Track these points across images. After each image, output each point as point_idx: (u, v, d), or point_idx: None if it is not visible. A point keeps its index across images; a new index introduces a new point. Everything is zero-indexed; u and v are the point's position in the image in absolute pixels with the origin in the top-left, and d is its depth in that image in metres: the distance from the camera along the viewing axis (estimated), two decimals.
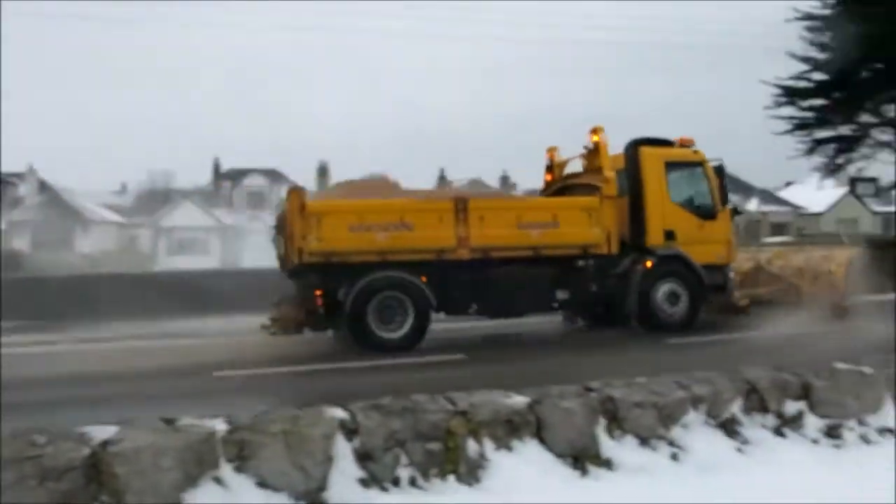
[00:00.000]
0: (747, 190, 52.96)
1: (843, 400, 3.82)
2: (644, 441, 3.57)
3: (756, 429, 3.75)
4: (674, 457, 3.57)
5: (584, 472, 3.44)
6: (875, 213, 46.66)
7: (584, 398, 3.55)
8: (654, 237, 7.86)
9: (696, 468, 3.54)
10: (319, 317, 6.97)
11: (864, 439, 3.81)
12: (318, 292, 6.84)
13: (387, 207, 7.18)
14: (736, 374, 3.90)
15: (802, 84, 31.65)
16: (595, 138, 7.94)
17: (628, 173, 7.91)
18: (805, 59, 30.91)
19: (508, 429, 3.42)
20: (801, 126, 33.22)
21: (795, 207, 48.07)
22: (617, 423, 3.55)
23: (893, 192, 49.84)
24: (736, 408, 3.73)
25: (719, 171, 8.26)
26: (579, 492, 3.34)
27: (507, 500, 3.26)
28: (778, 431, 3.76)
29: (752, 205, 48.73)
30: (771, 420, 3.77)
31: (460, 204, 7.20)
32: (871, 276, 8.37)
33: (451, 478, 3.29)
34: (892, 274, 9.51)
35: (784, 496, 3.28)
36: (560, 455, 3.46)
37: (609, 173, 7.67)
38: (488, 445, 3.38)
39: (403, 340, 6.91)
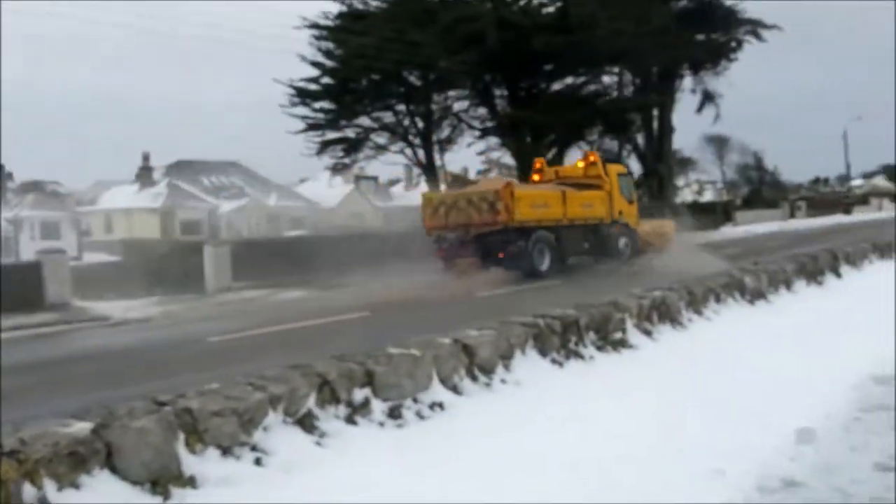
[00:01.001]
0: (265, 185, 60.83)
1: (400, 382, 5.18)
2: (226, 451, 4.19)
3: (331, 420, 4.78)
4: (257, 462, 4.30)
5: (166, 496, 3.85)
6: (377, 208, 59.88)
7: (158, 414, 3.97)
8: (616, 215, 19.96)
9: (279, 469, 4.34)
10: (505, 259, 17.40)
11: (420, 415, 5.23)
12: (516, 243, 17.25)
13: (540, 195, 18.54)
14: (307, 368, 4.87)
15: (313, 87, 37.41)
16: (593, 158, 21.01)
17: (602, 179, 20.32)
18: (315, 64, 36.86)
19: (73, 463, 3.59)
20: (313, 126, 39.27)
21: (310, 202, 58.36)
22: (197, 436, 4.08)
23: (391, 189, 63.33)
24: (311, 402, 4.68)
25: (630, 174, 22.21)
26: None
27: None
28: (350, 419, 4.86)
29: (272, 200, 56.42)
30: (343, 410, 4.86)
31: (566, 193, 18.78)
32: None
33: None
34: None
35: (359, 483, 4.36)
36: (136, 482, 3.80)
37: (607, 179, 20.11)
38: (49, 487, 3.49)
39: (547, 271, 17.68)
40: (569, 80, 37.53)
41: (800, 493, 4.96)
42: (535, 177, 20.78)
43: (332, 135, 38.48)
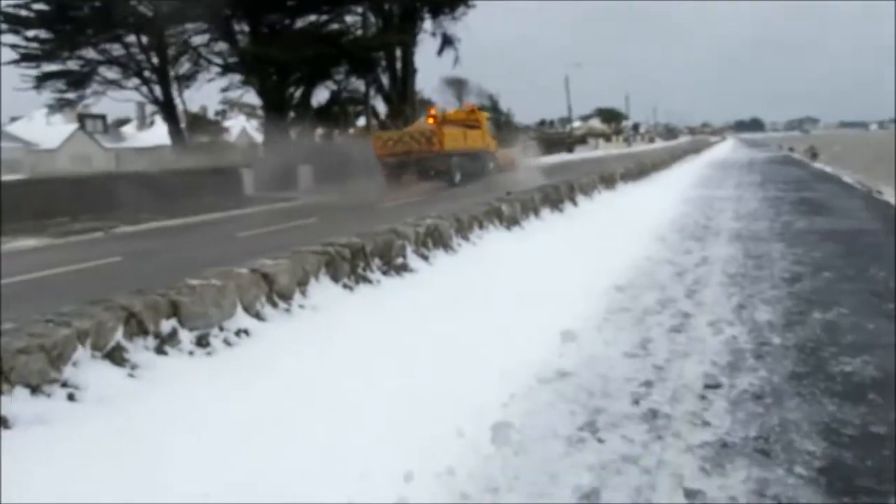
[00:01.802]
0: None
1: (207, 311, 5.18)
2: (35, 389, 4.01)
3: (140, 352, 4.70)
4: (70, 397, 4.15)
5: None
6: (107, 150, 55.65)
7: None
8: (487, 146, 30.24)
9: (93, 404, 4.23)
10: (434, 175, 26.06)
11: (227, 342, 5.29)
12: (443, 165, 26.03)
13: (456, 132, 27.49)
14: (111, 302, 4.71)
15: (24, 13, 33.28)
16: (473, 107, 33.33)
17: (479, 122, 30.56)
18: None
19: None
20: (26, 57, 35.06)
21: (27, 143, 52.21)
22: (3, 376, 3.85)
23: (121, 129, 58.09)
24: (119, 335, 4.57)
25: (492, 119, 36.21)
26: None
27: None
28: (160, 350, 4.81)
29: None
30: (151, 341, 4.79)
31: (465, 132, 28.70)
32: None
33: None
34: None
35: (175, 411, 4.39)
36: None
37: (483, 121, 30.75)
38: None
39: (459, 182, 26.58)
40: (311, 17, 37.04)
41: (570, 380, 5.81)
42: (430, 119, 27.93)
43: (50, 67, 34.69)
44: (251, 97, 46.85)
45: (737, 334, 6.98)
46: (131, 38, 35.31)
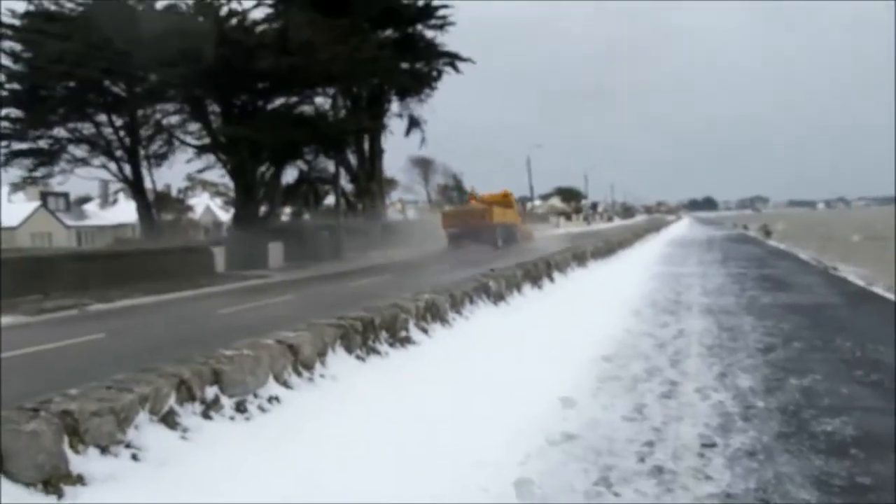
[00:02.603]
0: None
1: (245, 379, 5.56)
2: (104, 449, 4.34)
3: (189, 416, 5.05)
4: (134, 457, 4.49)
5: (59, 494, 3.95)
6: (69, 227, 55.42)
7: (46, 417, 4.04)
8: (515, 221, 44.81)
9: (154, 464, 4.56)
10: (485, 241, 37.65)
11: (261, 409, 5.66)
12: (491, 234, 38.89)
13: (498, 211, 41.03)
14: (162, 370, 5.08)
15: None
16: (507, 192, 45.83)
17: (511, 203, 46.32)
18: None
19: None
20: None
21: None
22: (78, 437, 4.19)
23: (83, 207, 57.72)
24: (172, 400, 4.93)
25: (519, 201, 62.02)
26: None
27: None
28: (206, 415, 5.17)
29: None
30: (198, 406, 5.15)
31: (504, 210, 42.83)
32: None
33: None
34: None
35: (224, 471, 4.75)
36: (29, 483, 3.86)
37: (513, 202, 46.98)
38: None
39: (500, 246, 38.50)
40: (281, 99, 38.07)
41: (578, 441, 6.26)
42: (472, 200, 44.10)
43: (20, 146, 34.94)
44: (215, 175, 47.42)
45: (723, 399, 7.52)
46: (102, 118, 35.85)
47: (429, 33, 43.76)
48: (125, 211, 63.02)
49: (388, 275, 25.92)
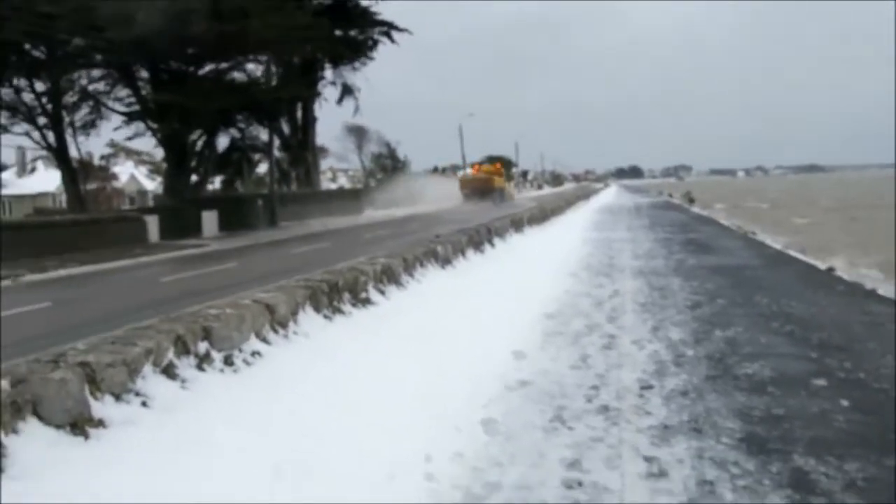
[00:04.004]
0: None
1: (231, 335, 6.05)
2: (118, 397, 4.81)
3: (186, 369, 5.53)
4: (144, 404, 4.96)
5: (86, 436, 4.42)
6: None
7: (69, 366, 4.48)
8: (504, 184, 59.57)
9: (162, 410, 5.04)
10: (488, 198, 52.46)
11: (246, 362, 6.17)
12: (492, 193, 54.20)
13: (498, 178, 58.30)
14: (159, 326, 5.54)
15: None
16: (500, 164, 66.36)
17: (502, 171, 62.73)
18: None
19: (13, 411, 4.03)
20: None
21: None
22: (96, 385, 4.65)
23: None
24: (171, 354, 5.40)
25: (510, 167, 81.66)
26: (89, 452, 4.35)
27: (29, 484, 3.95)
28: (199, 367, 5.65)
29: None
30: (192, 360, 5.63)
31: (500, 176, 59.94)
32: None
33: None
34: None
35: (222, 416, 5.27)
36: (59, 426, 4.31)
37: (503, 171, 62.51)
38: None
39: (499, 203, 50.99)
40: (212, 65, 37.51)
41: (532, 386, 6.98)
42: (474, 169, 62.42)
43: None
44: (144, 143, 46.43)
45: (657, 349, 8.37)
46: (23, 83, 34.68)
47: (363, 1, 43.60)
48: (44, 180, 61.15)
49: (327, 242, 26.24)
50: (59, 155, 36.62)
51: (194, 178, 38.18)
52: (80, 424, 4.41)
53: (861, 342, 8.53)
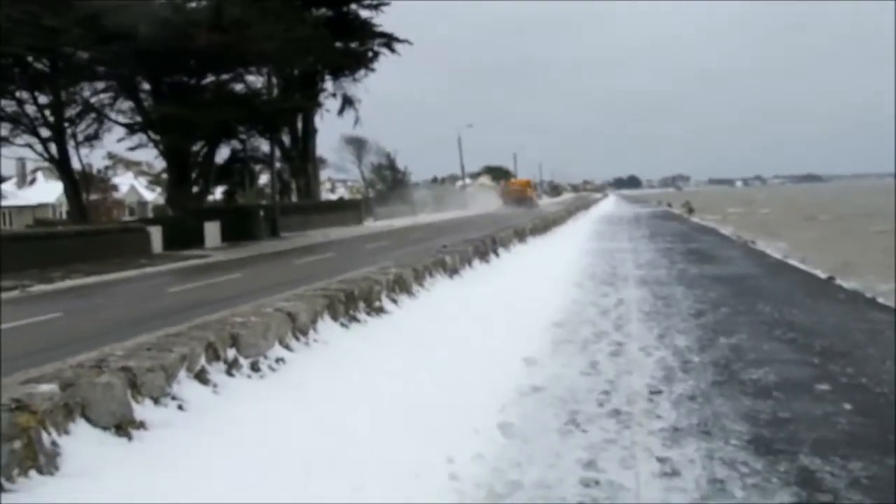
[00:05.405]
0: None
1: (257, 342, 6.31)
2: (156, 400, 5.07)
3: (217, 374, 5.79)
4: (180, 407, 5.22)
5: (129, 437, 4.67)
6: None
7: (113, 371, 4.74)
8: (532, 194, 79.60)
9: (197, 413, 5.30)
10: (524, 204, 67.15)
11: (271, 368, 6.43)
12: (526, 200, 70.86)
13: (529, 189, 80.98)
14: (191, 333, 5.80)
15: None
16: (528, 180, 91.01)
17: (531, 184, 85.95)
18: None
19: (65, 413, 4.29)
20: None
21: None
22: (137, 389, 4.91)
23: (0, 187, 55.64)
24: (203, 360, 5.66)
25: (535, 183, 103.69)
26: (133, 452, 4.60)
27: (85, 483, 4.20)
28: (229, 373, 5.91)
29: None
30: (222, 366, 5.89)
31: (531, 188, 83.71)
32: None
33: (33, 473, 3.96)
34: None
35: (253, 418, 5.53)
36: (105, 428, 4.57)
37: (532, 183, 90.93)
38: (54, 434, 4.17)
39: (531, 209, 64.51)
40: (212, 77, 37.84)
41: (545, 392, 7.24)
42: (511, 184, 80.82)
43: None
44: (146, 154, 46.78)
45: (664, 356, 8.64)
46: (24, 96, 34.99)
47: (364, 13, 44.05)
48: (44, 191, 61.42)
49: (331, 253, 26.53)
50: (62, 166, 36.90)
51: (195, 189, 38.45)
52: (123, 426, 4.66)
53: (861, 348, 8.81)
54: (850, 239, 35.69)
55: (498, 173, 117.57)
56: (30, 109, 35.47)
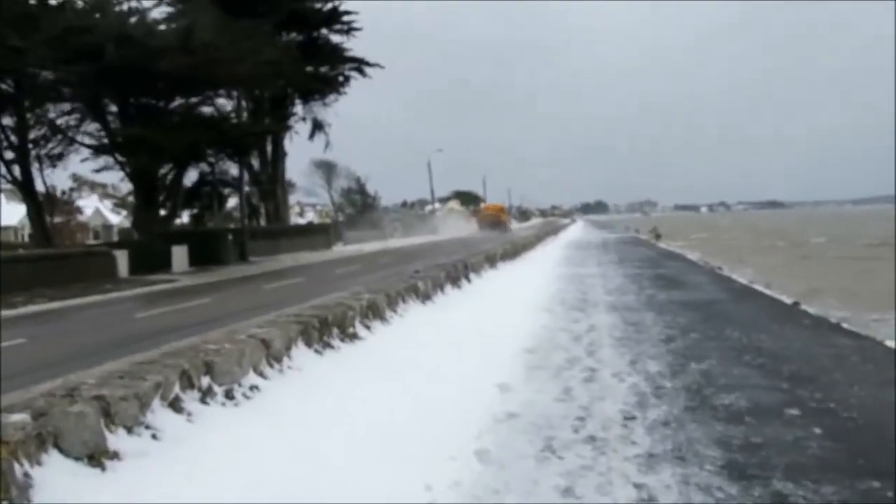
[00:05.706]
0: None
1: (231, 370, 6.25)
2: (130, 429, 4.99)
3: (191, 402, 5.73)
4: (154, 437, 5.15)
5: (102, 468, 4.60)
6: None
7: (86, 400, 4.67)
8: (506, 218, 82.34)
9: (171, 442, 5.23)
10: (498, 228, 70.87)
11: (246, 396, 6.37)
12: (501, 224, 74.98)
13: (504, 213, 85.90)
14: (164, 362, 5.73)
15: None
16: (502, 206, 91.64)
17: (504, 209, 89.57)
18: None
19: (38, 443, 4.21)
20: None
21: None
22: (110, 418, 4.83)
23: None
24: (177, 388, 5.59)
25: (508, 208, 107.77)
26: (107, 483, 4.53)
27: None
28: (203, 401, 5.85)
29: None
30: (196, 394, 5.82)
31: (505, 212, 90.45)
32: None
33: None
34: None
35: (227, 446, 5.47)
36: (77, 458, 4.49)
37: (505, 209, 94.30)
38: (26, 465, 4.09)
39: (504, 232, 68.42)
40: (181, 100, 37.63)
41: (520, 418, 7.26)
42: (486, 208, 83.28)
43: None
44: (112, 177, 46.24)
45: (637, 382, 8.71)
46: None
47: (335, 38, 44.27)
48: (6, 213, 60.24)
49: (300, 277, 26.38)
50: (25, 188, 36.30)
51: (163, 212, 38.06)
52: (97, 456, 4.59)
53: (828, 373, 8.97)
54: (811, 264, 36.47)
55: (467, 198, 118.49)
56: None
